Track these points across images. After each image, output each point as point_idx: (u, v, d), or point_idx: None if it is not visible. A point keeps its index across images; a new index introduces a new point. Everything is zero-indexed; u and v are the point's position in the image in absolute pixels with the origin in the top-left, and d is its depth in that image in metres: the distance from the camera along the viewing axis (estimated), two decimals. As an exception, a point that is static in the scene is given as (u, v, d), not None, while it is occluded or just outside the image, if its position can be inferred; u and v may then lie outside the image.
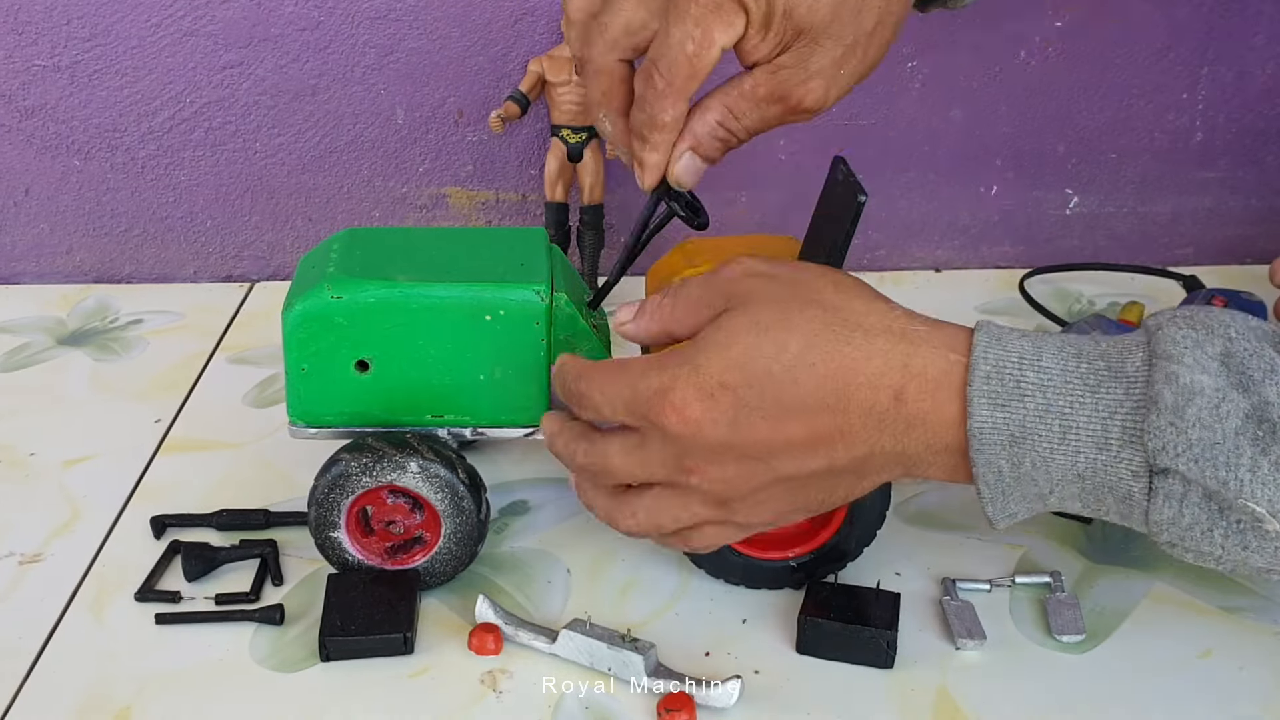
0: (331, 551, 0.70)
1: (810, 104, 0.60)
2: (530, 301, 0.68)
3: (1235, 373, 0.50)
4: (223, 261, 1.08)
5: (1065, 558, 0.74)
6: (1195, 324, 0.52)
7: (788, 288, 0.57)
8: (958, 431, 0.54)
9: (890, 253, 1.09)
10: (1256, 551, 0.51)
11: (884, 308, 0.57)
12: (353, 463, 0.68)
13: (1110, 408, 0.52)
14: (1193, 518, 0.51)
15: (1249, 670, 0.66)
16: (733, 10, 0.57)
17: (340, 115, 1.02)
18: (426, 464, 0.68)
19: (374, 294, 0.68)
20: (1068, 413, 0.52)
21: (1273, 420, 0.49)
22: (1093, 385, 0.52)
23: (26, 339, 0.99)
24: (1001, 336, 0.55)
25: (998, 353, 0.54)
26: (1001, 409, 0.53)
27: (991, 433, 0.54)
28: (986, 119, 1.04)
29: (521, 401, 0.70)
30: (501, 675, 0.66)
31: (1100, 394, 0.52)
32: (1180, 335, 0.51)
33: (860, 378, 0.55)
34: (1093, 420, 0.52)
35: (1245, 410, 0.50)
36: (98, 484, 0.81)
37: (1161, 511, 0.52)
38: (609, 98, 0.61)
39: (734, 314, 0.57)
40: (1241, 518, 0.51)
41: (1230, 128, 1.05)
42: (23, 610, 0.71)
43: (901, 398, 0.55)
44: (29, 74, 1.00)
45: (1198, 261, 1.09)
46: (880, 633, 0.66)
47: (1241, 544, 0.51)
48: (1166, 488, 0.51)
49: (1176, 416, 0.50)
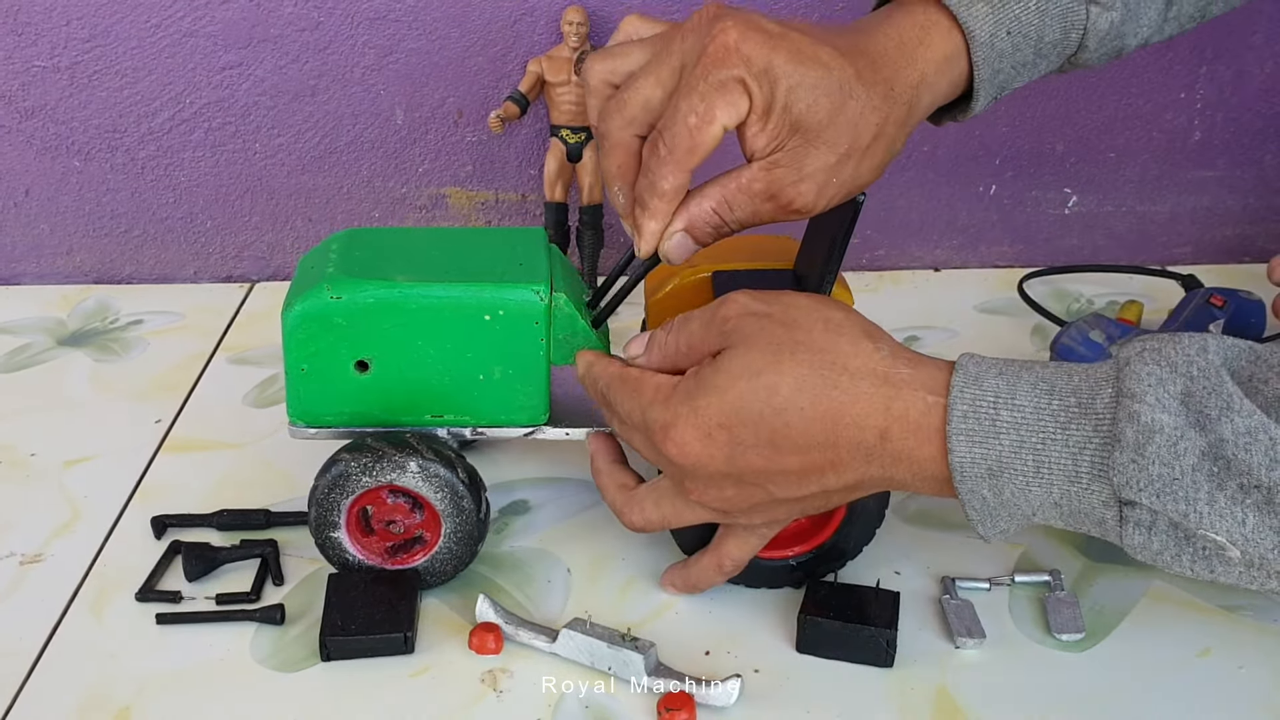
0: (332, 551, 0.70)
1: (800, 205, 0.62)
2: (530, 301, 0.68)
3: (1194, 411, 0.53)
4: (223, 262, 1.08)
5: (1065, 556, 0.74)
6: (1161, 360, 0.54)
7: (780, 329, 0.60)
8: (941, 465, 0.58)
9: (889, 252, 1.09)
10: (1223, 575, 0.55)
11: (870, 348, 0.60)
12: (353, 463, 0.68)
13: (1079, 444, 0.55)
14: (1161, 544, 0.54)
15: (1249, 670, 0.66)
16: (736, 91, 0.60)
17: (340, 116, 1.02)
18: (426, 463, 0.68)
19: (373, 294, 0.68)
20: (1040, 449, 0.55)
21: (1227, 457, 0.52)
22: (1064, 422, 0.55)
23: (27, 339, 0.99)
24: (979, 376, 0.57)
25: (973, 392, 0.57)
26: (979, 445, 0.56)
27: (971, 467, 0.57)
28: (986, 118, 1.04)
29: (521, 401, 0.70)
30: (502, 674, 0.66)
31: (1070, 430, 0.55)
32: (1145, 373, 0.54)
33: (847, 419, 0.58)
34: (1064, 456, 0.55)
35: (1201, 448, 0.52)
36: (98, 484, 0.81)
37: (1133, 537, 0.55)
38: (624, 171, 0.64)
39: (730, 355, 0.60)
40: (1206, 545, 0.54)
41: (1229, 127, 1.05)
42: (23, 610, 0.71)
43: (886, 436, 0.58)
44: (29, 75, 1.00)
45: (1196, 260, 1.09)
46: (880, 632, 0.66)
47: (1208, 568, 0.54)
48: (1136, 517, 0.54)
49: (1138, 454, 0.53)
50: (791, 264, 0.73)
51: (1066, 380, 0.56)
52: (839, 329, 0.60)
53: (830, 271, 0.67)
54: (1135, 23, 0.69)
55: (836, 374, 0.59)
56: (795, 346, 0.59)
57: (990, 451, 0.56)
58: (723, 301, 0.62)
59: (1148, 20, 0.70)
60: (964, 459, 0.57)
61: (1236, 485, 0.52)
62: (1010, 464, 0.56)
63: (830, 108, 0.60)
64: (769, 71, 0.59)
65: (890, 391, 0.58)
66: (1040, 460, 0.55)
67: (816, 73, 0.60)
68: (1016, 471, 0.56)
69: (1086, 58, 0.69)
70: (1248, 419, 0.52)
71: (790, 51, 0.60)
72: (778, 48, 0.60)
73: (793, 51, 0.60)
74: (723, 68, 0.59)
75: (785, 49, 0.60)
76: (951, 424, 0.56)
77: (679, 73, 0.61)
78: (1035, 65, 0.68)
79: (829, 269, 0.67)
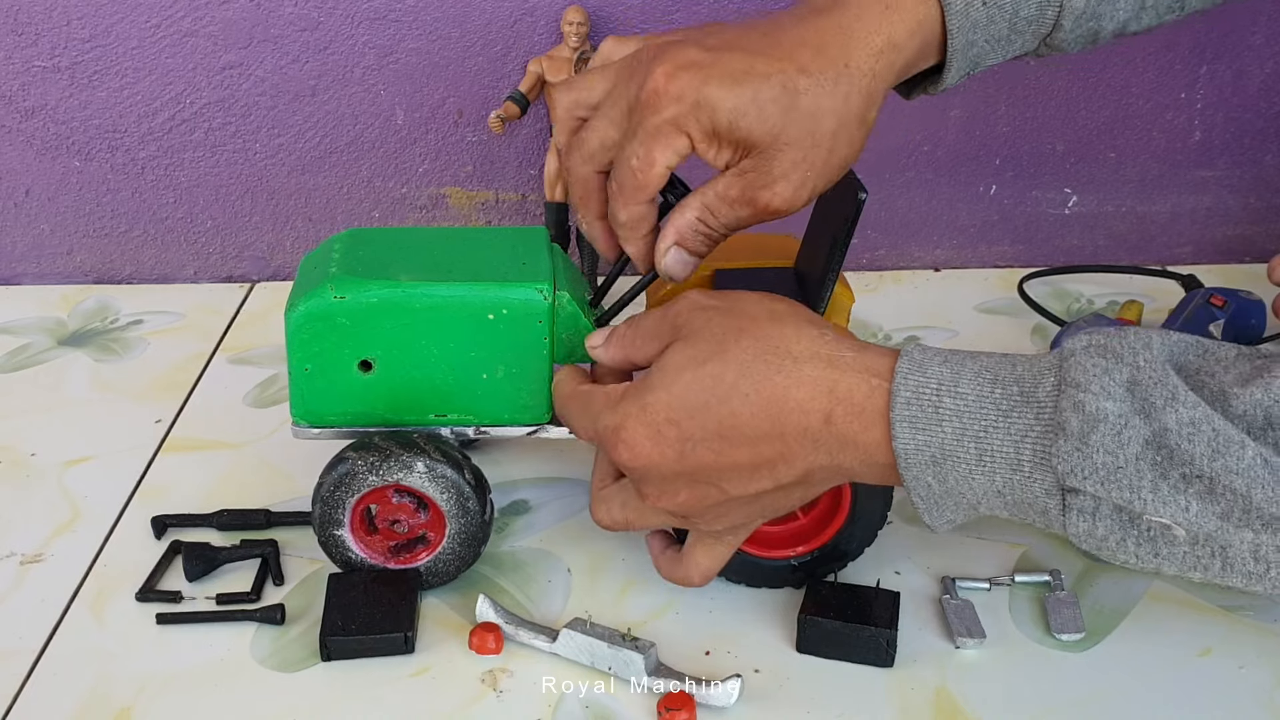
0: (335, 549, 0.70)
1: (778, 205, 0.63)
2: (533, 300, 0.68)
3: (1139, 399, 0.53)
4: (223, 262, 1.08)
5: (1065, 556, 0.74)
6: (1106, 352, 0.54)
7: (726, 319, 0.61)
8: (886, 451, 0.58)
9: (889, 252, 1.09)
10: (1167, 559, 0.54)
11: (814, 333, 0.60)
12: (359, 461, 0.68)
13: (1021, 432, 0.55)
14: (1106, 529, 0.54)
15: (1249, 669, 0.66)
16: (671, 133, 0.62)
17: (340, 116, 1.02)
18: (433, 464, 0.68)
19: (377, 294, 0.68)
20: (982, 437, 0.56)
21: (1170, 446, 0.52)
22: (1005, 410, 0.55)
23: (27, 340, 0.99)
24: (923, 363, 0.58)
25: (917, 379, 0.57)
26: (922, 432, 0.56)
27: (915, 454, 0.57)
28: (986, 119, 1.04)
29: (524, 400, 0.70)
30: (502, 674, 0.66)
31: (1012, 419, 0.55)
32: (1090, 364, 0.54)
33: (791, 403, 0.58)
34: (1005, 444, 0.55)
35: (1146, 436, 0.52)
36: (98, 484, 0.81)
37: (1077, 525, 0.55)
38: (585, 202, 0.67)
39: (678, 347, 0.61)
40: (1151, 526, 0.53)
41: (1229, 127, 1.05)
42: (24, 610, 0.71)
43: (831, 420, 0.58)
44: (29, 75, 1.00)
45: (1196, 260, 1.09)
46: (880, 632, 0.66)
47: (1154, 551, 0.54)
48: (1079, 504, 0.54)
49: (1081, 442, 0.53)
50: (793, 262, 0.73)
51: (1010, 369, 0.56)
52: (783, 318, 0.61)
53: (833, 269, 0.67)
54: (1111, 4, 0.69)
55: (780, 358, 0.59)
56: (740, 334, 0.60)
57: (933, 439, 0.56)
58: (677, 298, 0.63)
59: (1124, 4, 0.69)
60: (907, 445, 0.56)
61: (1179, 474, 0.52)
62: (953, 451, 0.56)
63: (779, 112, 0.61)
64: (702, 105, 0.61)
65: (834, 374, 0.58)
66: (983, 448, 0.55)
67: (753, 87, 0.61)
68: (959, 459, 0.56)
69: (1062, 38, 0.69)
70: (1191, 410, 0.52)
71: (722, 77, 0.61)
72: (709, 77, 0.61)
73: (725, 75, 0.61)
74: (656, 113, 0.61)
75: (717, 75, 0.61)
76: (895, 410, 0.56)
77: (628, 113, 0.63)
78: (1010, 41, 0.68)
79: (831, 266, 0.67)
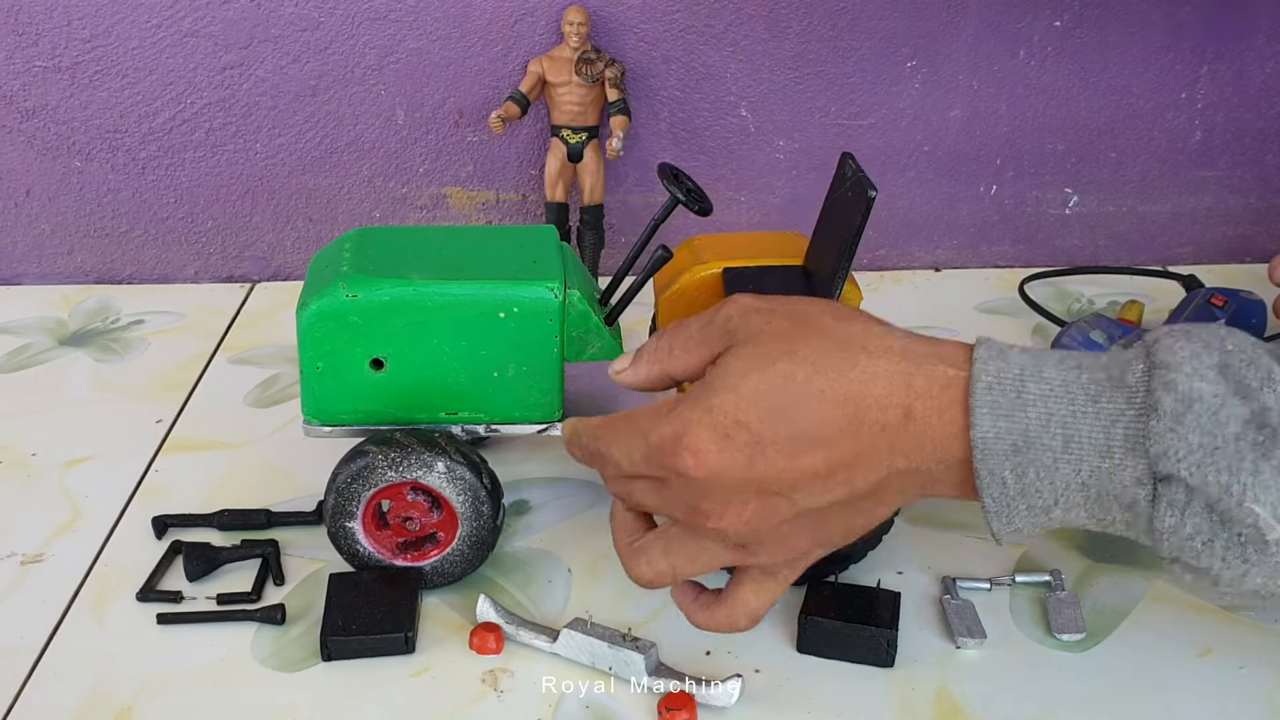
0: (343, 541, 0.70)
1: None
2: (544, 298, 0.68)
3: (1233, 381, 0.51)
4: (224, 262, 1.08)
5: (1065, 556, 0.74)
6: (1192, 337, 0.53)
7: (788, 320, 0.58)
8: (963, 443, 0.55)
9: (890, 252, 1.09)
10: (1256, 565, 0.52)
11: (883, 330, 0.58)
12: (379, 456, 0.68)
13: (1112, 416, 0.52)
14: (1194, 527, 0.52)
15: (1249, 670, 0.66)
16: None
17: (340, 116, 1.02)
18: (454, 465, 0.68)
19: (389, 292, 0.68)
20: (1070, 421, 0.53)
21: (1272, 425, 0.50)
22: (1094, 395, 0.53)
23: (28, 340, 0.99)
24: (1003, 351, 0.55)
25: (998, 365, 0.54)
26: (1004, 418, 0.54)
27: (995, 441, 0.54)
28: (986, 118, 1.04)
29: (535, 398, 0.71)
30: (502, 674, 0.66)
31: (1102, 403, 0.53)
32: (1178, 346, 0.52)
33: (869, 399, 0.55)
34: (1095, 428, 0.53)
35: (1244, 416, 0.50)
36: (99, 484, 0.81)
37: (1165, 519, 0.52)
38: None
39: (738, 351, 0.57)
40: (1243, 530, 0.51)
41: (1229, 127, 1.05)
42: (24, 610, 0.71)
43: (910, 414, 0.55)
44: (30, 75, 1.00)
45: (1197, 260, 1.09)
46: (880, 632, 0.66)
47: (1241, 556, 0.52)
48: (1170, 495, 0.52)
49: (1176, 422, 0.51)
50: (801, 260, 0.73)
51: (1094, 359, 0.54)
52: (849, 317, 0.59)
53: (843, 268, 0.67)
54: None
55: (854, 354, 0.56)
56: (808, 333, 0.57)
57: (1016, 425, 0.53)
58: (723, 303, 0.60)
59: None
60: (987, 433, 0.53)
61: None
62: (1037, 438, 0.53)
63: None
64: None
65: (910, 368, 0.55)
66: (1070, 434, 0.53)
67: None
68: (1044, 447, 0.53)
69: None
70: None
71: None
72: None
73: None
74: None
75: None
76: (975, 395, 0.54)
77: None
78: None
79: (841, 265, 0.67)
